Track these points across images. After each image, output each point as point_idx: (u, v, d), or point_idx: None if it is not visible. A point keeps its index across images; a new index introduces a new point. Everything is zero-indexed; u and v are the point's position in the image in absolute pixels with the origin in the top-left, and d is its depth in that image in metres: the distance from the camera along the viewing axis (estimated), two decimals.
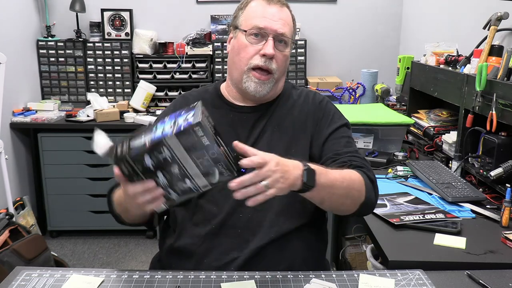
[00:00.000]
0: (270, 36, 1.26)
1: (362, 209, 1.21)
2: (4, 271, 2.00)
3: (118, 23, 3.52)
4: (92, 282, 1.10)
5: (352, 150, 1.30)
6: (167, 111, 1.42)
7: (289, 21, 1.31)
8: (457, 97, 2.01)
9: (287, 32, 1.28)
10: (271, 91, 1.31)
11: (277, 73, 1.28)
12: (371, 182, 1.22)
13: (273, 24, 1.26)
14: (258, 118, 1.33)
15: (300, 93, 1.40)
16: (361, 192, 1.18)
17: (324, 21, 3.68)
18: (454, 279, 1.16)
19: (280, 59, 1.28)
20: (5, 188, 2.68)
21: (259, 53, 1.26)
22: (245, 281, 1.10)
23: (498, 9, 1.94)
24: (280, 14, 1.28)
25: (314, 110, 1.35)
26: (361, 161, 1.27)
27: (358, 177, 1.18)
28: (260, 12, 1.28)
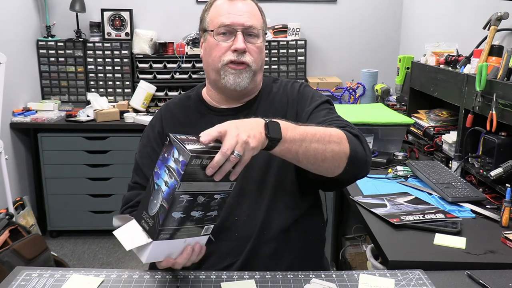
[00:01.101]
0: (238, 31, 1.26)
1: (352, 165, 1.13)
2: (4, 271, 2.01)
3: (118, 23, 3.52)
4: (92, 282, 1.10)
5: (333, 117, 1.26)
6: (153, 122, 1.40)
7: (256, 12, 1.31)
8: (457, 97, 2.01)
9: (255, 23, 1.28)
10: (250, 82, 1.29)
11: (253, 64, 1.28)
12: (355, 136, 1.16)
13: (239, 19, 1.26)
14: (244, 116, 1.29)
15: (280, 85, 1.40)
16: (341, 144, 1.11)
17: (324, 21, 3.68)
18: (454, 279, 1.16)
19: (253, 51, 1.28)
20: (5, 188, 2.68)
21: (230, 49, 1.26)
22: (245, 281, 1.10)
23: (498, 9, 1.94)
24: (244, 8, 1.28)
25: (292, 97, 1.35)
26: (344, 122, 1.24)
27: (336, 130, 1.13)
28: (224, 9, 1.28)
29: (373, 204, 1.61)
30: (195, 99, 1.39)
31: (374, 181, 1.92)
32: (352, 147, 1.12)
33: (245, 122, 0.99)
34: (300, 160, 1.08)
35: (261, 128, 1.00)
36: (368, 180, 1.93)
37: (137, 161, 1.37)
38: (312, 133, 1.07)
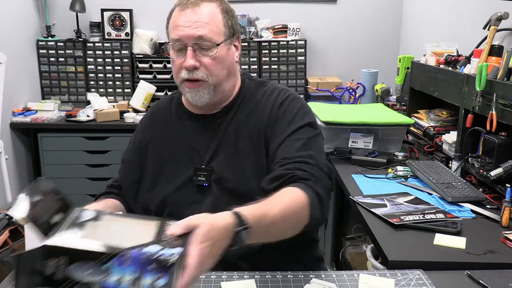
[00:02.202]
0: (189, 46, 1.18)
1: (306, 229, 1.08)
2: (4, 271, 2.00)
3: (118, 23, 3.52)
4: None
5: (304, 154, 1.16)
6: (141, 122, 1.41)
7: (209, 18, 1.19)
8: (457, 97, 2.01)
9: (206, 32, 1.18)
10: (215, 96, 1.23)
11: (210, 78, 1.20)
12: (318, 198, 1.08)
13: (187, 31, 1.18)
14: (216, 126, 1.27)
15: (265, 91, 1.30)
16: (302, 217, 1.05)
17: (324, 21, 3.68)
18: (454, 279, 1.16)
19: (209, 64, 1.19)
20: (5, 188, 2.68)
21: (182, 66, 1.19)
22: (245, 280, 1.10)
23: (498, 9, 1.94)
24: (194, 17, 1.18)
25: (275, 110, 1.25)
26: (311, 169, 1.13)
27: (300, 200, 1.04)
28: (175, 21, 1.20)
29: (373, 204, 1.61)
30: (176, 102, 1.36)
31: (374, 181, 1.92)
32: (312, 214, 1.05)
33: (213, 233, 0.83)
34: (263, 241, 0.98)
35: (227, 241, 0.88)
36: (368, 180, 1.93)
37: (123, 153, 1.41)
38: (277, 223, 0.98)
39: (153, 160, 1.32)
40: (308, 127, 1.23)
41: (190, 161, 1.26)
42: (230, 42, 1.25)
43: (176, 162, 1.28)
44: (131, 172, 1.35)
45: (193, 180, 1.24)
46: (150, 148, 1.33)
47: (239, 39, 1.30)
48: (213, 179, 1.23)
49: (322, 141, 1.26)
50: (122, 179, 1.38)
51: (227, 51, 1.24)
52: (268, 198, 1.02)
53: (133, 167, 1.34)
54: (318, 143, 1.23)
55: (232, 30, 1.25)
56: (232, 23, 1.25)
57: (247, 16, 3.51)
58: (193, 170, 1.25)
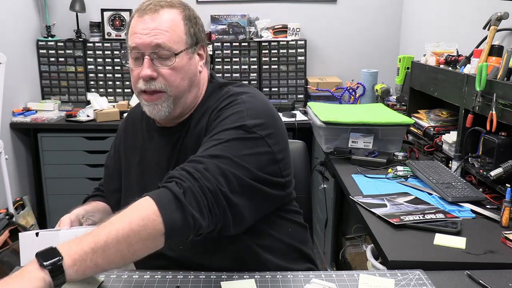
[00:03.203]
0: (146, 54, 1.11)
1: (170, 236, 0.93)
2: (4, 271, 2.01)
3: (118, 23, 3.52)
4: (92, 282, 1.10)
5: (205, 154, 1.03)
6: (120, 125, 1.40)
7: (169, 26, 1.12)
8: (457, 97, 2.01)
9: (164, 41, 1.11)
10: (175, 108, 1.15)
11: (170, 89, 1.13)
12: (175, 199, 0.94)
13: (144, 39, 1.10)
14: (176, 140, 1.21)
15: (221, 96, 1.20)
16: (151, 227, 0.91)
17: (324, 21, 3.68)
18: (454, 279, 1.16)
19: (168, 74, 1.12)
20: (5, 188, 2.68)
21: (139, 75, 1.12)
22: (245, 280, 1.10)
23: (498, 9, 1.94)
24: (153, 24, 1.11)
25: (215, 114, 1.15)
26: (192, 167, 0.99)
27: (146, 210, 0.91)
28: (132, 28, 1.13)
29: (373, 204, 1.61)
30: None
31: (374, 181, 1.93)
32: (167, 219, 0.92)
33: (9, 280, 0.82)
34: (107, 268, 0.91)
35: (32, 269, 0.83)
36: (368, 180, 1.93)
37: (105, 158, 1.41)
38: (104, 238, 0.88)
39: (124, 171, 1.30)
40: (237, 130, 1.08)
41: (156, 175, 1.21)
42: (192, 51, 1.17)
43: (144, 175, 1.25)
44: (111, 179, 1.34)
45: None
46: (124, 157, 1.32)
47: (204, 47, 1.22)
48: None
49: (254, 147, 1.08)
50: (105, 186, 1.37)
51: (188, 60, 1.16)
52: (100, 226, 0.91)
53: (113, 175, 1.34)
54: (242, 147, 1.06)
55: (195, 38, 1.17)
56: (195, 31, 1.18)
57: (247, 16, 3.51)
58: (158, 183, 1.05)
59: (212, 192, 0.98)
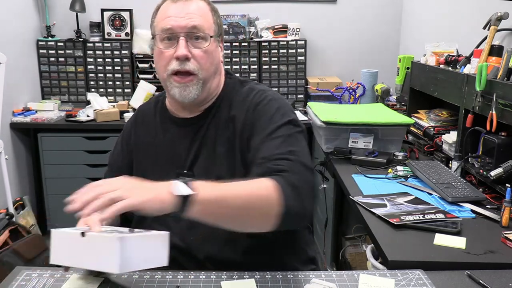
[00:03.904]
0: (181, 36, 1.15)
1: (285, 220, 1.00)
2: (4, 271, 2.00)
3: (118, 23, 3.52)
4: (92, 282, 1.10)
5: (283, 151, 1.09)
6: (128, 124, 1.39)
7: (202, 12, 1.19)
8: (457, 97, 2.01)
9: (200, 24, 1.16)
10: (202, 92, 1.20)
11: (200, 72, 1.18)
12: (293, 188, 1.01)
13: (179, 21, 1.15)
14: (197, 130, 1.24)
15: (244, 91, 1.25)
16: (270, 203, 0.98)
17: (324, 21, 3.68)
18: (454, 279, 1.16)
19: (200, 57, 1.17)
20: (5, 188, 2.68)
21: (173, 57, 1.16)
22: (245, 280, 1.10)
23: (498, 9, 1.94)
24: (187, 8, 1.17)
25: (252, 110, 1.20)
26: (288, 164, 1.07)
27: (269, 186, 0.99)
28: (167, 12, 1.18)
29: (373, 204, 1.61)
30: (160, 105, 1.34)
31: (374, 181, 1.93)
32: (286, 203, 0.99)
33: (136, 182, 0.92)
34: (215, 222, 0.99)
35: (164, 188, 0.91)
36: (368, 180, 1.93)
37: (109, 156, 1.40)
38: (233, 195, 0.96)
39: (137, 165, 1.30)
40: (288, 125, 1.17)
41: (173, 166, 1.24)
42: (218, 40, 1.24)
43: (159, 168, 1.26)
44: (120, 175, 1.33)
45: None
46: (134, 152, 1.32)
47: (223, 41, 1.30)
48: None
49: (304, 139, 1.19)
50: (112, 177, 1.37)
51: (216, 47, 1.22)
52: (232, 183, 0.99)
53: (121, 172, 1.31)
54: (300, 140, 1.16)
55: (220, 29, 1.25)
56: (219, 22, 1.25)
57: (247, 16, 3.51)
58: (175, 175, 1.18)
59: (310, 185, 1.08)
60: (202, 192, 0.92)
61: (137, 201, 0.88)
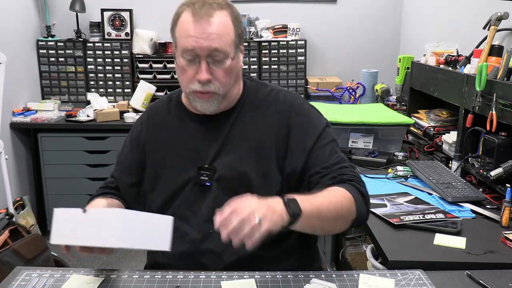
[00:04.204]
0: (202, 58, 1.15)
1: (353, 225, 1.18)
2: (4, 271, 2.00)
3: (118, 23, 3.52)
4: (92, 282, 1.10)
5: (339, 159, 1.23)
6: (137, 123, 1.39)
7: (223, 30, 1.17)
8: (457, 97, 2.01)
9: (221, 45, 1.15)
10: (222, 104, 1.23)
11: (221, 90, 1.20)
12: (362, 196, 1.17)
13: (201, 43, 1.14)
14: (219, 127, 1.27)
15: (269, 92, 1.30)
16: (351, 211, 1.13)
17: (324, 21, 3.68)
18: (454, 279, 1.16)
19: (221, 76, 1.18)
20: (5, 188, 2.68)
21: (195, 78, 1.18)
22: (245, 280, 1.10)
23: (498, 9, 1.94)
24: (209, 28, 1.14)
25: (286, 112, 1.26)
26: (351, 172, 1.21)
27: (347, 195, 1.13)
28: (188, 30, 1.16)
29: (373, 204, 1.61)
30: (175, 102, 1.34)
31: (374, 181, 1.92)
32: (359, 210, 1.15)
33: (263, 199, 0.98)
34: (316, 231, 1.14)
35: (280, 205, 1.00)
36: (368, 180, 1.93)
37: (118, 155, 1.41)
38: (327, 204, 1.08)
39: (153, 162, 1.31)
40: (327, 129, 1.29)
41: (192, 161, 1.26)
42: (239, 50, 1.24)
43: (177, 163, 1.28)
44: (129, 174, 1.34)
45: (195, 180, 1.24)
46: (148, 149, 1.32)
47: (243, 43, 1.30)
48: (215, 178, 1.23)
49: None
50: (120, 182, 1.37)
51: (237, 60, 1.23)
52: (319, 193, 1.10)
53: (132, 169, 1.34)
54: (336, 141, 1.29)
55: (241, 38, 1.25)
56: (241, 30, 1.24)
57: (247, 16, 3.51)
58: (196, 169, 1.24)
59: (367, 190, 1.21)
60: (305, 207, 1.02)
61: (271, 225, 0.95)
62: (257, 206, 0.95)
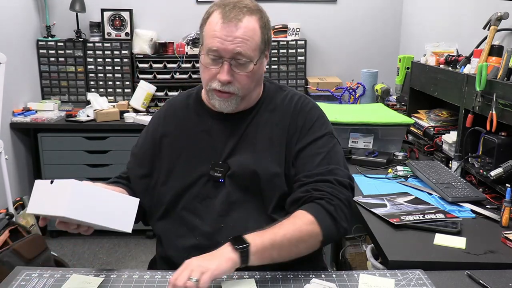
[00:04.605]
0: (225, 59, 1.18)
1: (325, 244, 1.19)
2: (4, 271, 2.00)
3: (118, 23, 3.52)
4: (92, 282, 1.10)
5: (323, 171, 1.22)
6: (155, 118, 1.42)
7: (250, 35, 1.19)
8: (457, 97, 2.01)
9: (245, 50, 1.18)
10: (240, 104, 1.26)
11: (241, 91, 1.23)
12: (329, 215, 1.15)
13: (226, 45, 1.17)
14: (236, 125, 1.29)
15: (285, 96, 1.33)
16: (313, 233, 1.13)
17: (324, 21, 3.68)
18: (454, 279, 1.16)
19: (242, 79, 1.21)
20: (5, 188, 2.68)
21: (216, 77, 1.21)
22: (245, 280, 1.10)
23: (498, 9, 1.94)
24: (236, 32, 1.17)
25: (295, 116, 1.29)
26: (327, 188, 1.19)
27: (308, 219, 1.13)
28: (216, 30, 1.18)
29: (373, 204, 1.61)
30: (194, 98, 1.38)
31: (374, 181, 1.93)
32: (325, 233, 1.14)
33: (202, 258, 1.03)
34: (277, 261, 1.11)
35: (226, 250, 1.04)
36: (368, 180, 1.93)
37: (133, 147, 1.43)
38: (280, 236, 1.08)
39: (168, 155, 1.33)
40: (327, 137, 1.28)
41: (207, 157, 1.28)
42: (264, 56, 1.27)
43: (192, 158, 1.30)
44: (140, 166, 1.36)
45: (209, 175, 1.26)
46: (164, 143, 1.34)
47: (269, 49, 1.31)
48: (228, 175, 1.25)
49: (340, 149, 1.31)
50: (131, 173, 1.39)
51: (260, 65, 1.25)
52: (275, 227, 1.11)
53: (144, 161, 1.35)
54: (337, 152, 1.28)
55: (267, 44, 1.26)
56: (268, 37, 1.26)
57: None
58: (210, 165, 1.27)
59: (347, 202, 1.20)
60: (255, 243, 1.05)
61: (216, 271, 0.99)
62: (194, 267, 0.99)
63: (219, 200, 1.25)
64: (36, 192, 1.10)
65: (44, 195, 1.08)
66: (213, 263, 1.00)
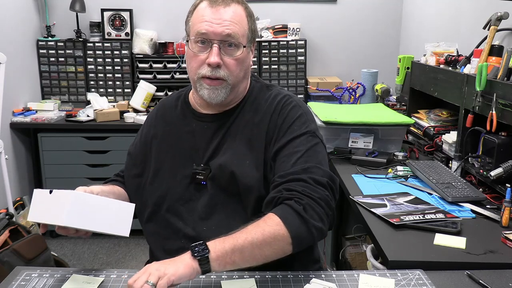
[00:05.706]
0: (214, 42, 1.18)
1: (300, 246, 1.11)
2: (4, 271, 2.00)
3: (118, 23, 3.52)
4: (92, 282, 1.10)
5: (298, 170, 1.16)
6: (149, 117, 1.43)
7: (238, 19, 1.20)
8: (457, 97, 2.01)
9: (235, 32, 1.19)
10: (229, 95, 1.24)
11: (230, 78, 1.21)
12: (298, 215, 1.09)
13: (215, 28, 1.17)
14: (218, 127, 1.28)
15: (269, 96, 1.30)
16: (279, 235, 1.07)
17: (324, 21, 3.68)
18: (454, 279, 1.16)
19: (231, 64, 1.20)
20: (5, 188, 2.68)
21: (205, 62, 1.20)
22: (245, 279, 1.10)
23: (498, 9, 1.94)
24: (224, 15, 1.18)
25: (275, 116, 1.25)
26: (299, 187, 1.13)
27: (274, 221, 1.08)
28: (202, 16, 1.19)
29: (373, 204, 1.61)
30: (182, 100, 1.37)
31: (374, 181, 1.93)
32: (294, 234, 1.08)
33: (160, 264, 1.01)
34: (243, 266, 1.08)
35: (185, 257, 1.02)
36: (368, 180, 1.93)
37: (129, 146, 1.44)
38: (241, 242, 1.04)
39: (155, 156, 1.33)
40: (307, 136, 1.23)
41: (190, 159, 1.28)
42: (250, 46, 1.27)
43: (176, 160, 1.30)
44: (133, 165, 1.37)
45: (191, 177, 1.26)
46: (153, 143, 1.35)
47: (255, 44, 1.32)
48: (210, 177, 1.25)
49: (322, 150, 1.26)
50: (125, 172, 1.40)
51: (247, 54, 1.25)
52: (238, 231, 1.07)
53: (136, 161, 1.36)
54: (317, 152, 1.23)
55: (253, 34, 1.27)
56: (254, 27, 1.28)
57: None
58: (192, 168, 1.27)
59: (323, 200, 1.14)
60: (216, 249, 1.03)
61: (173, 276, 0.98)
62: (152, 271, 0.98)
63: (201, 203, 1.24)
64: (35, 201, 1.15)
65: (44, 204, 1.13)
66: (171, 268, 0.99)
